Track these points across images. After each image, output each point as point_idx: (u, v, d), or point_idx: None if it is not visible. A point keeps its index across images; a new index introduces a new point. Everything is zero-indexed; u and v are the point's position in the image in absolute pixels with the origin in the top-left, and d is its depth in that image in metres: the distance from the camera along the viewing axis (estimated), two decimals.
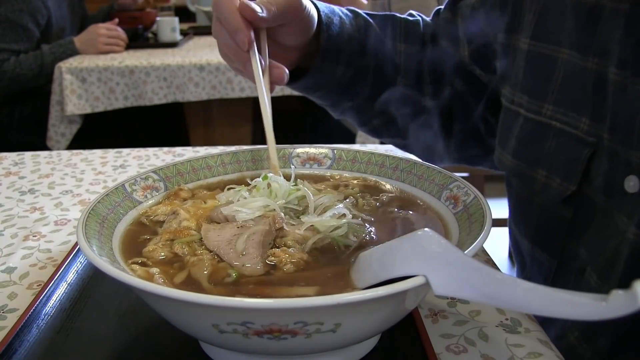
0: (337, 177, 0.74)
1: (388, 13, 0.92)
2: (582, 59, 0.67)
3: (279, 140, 0.71)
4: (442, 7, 0.95)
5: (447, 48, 0.90)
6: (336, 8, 0.86)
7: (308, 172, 0.76)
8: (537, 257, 0.75)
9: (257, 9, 0.69)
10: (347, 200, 0.65)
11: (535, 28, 0.73)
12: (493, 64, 0.83)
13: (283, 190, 0.63)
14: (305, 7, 0.76)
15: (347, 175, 0.74)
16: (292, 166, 0.75)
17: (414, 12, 0.96)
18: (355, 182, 0.72)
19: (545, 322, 0.65)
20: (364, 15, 0.89)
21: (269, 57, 0.74)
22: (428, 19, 0.96)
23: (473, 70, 0.87)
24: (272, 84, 0.74)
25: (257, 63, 0.71)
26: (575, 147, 0.67)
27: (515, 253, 0.84)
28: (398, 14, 0.93)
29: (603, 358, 0.65)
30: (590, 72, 0.66)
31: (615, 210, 0.63)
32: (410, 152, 1.01)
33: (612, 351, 0.64)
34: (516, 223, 0.80)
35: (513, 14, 0.78)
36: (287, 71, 0.74)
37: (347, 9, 0.88)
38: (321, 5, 0.83)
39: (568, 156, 0.68)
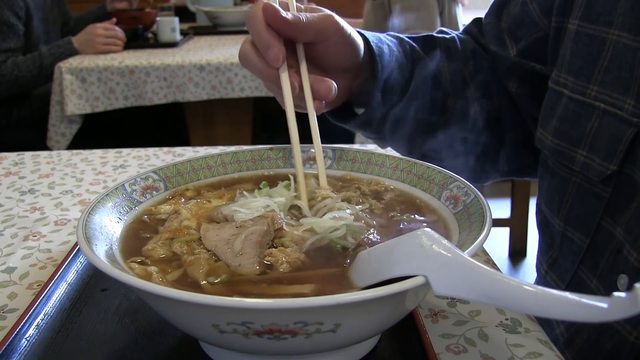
0: (349, 179, 0.74)
1: (427, 34, 0.91)
2: (634, 39, 0.67)
3: (279, 141, 0.70)
4: (484, 15, 0.94)
5: (495, 52, 0.89)
6: (381, 35, 0.83)
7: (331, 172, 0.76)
8: (569, 236, 0.76)
9: (281, 10, 0.64)
10: (352, 202, 0.65)
11: (585, 9, 0.74)
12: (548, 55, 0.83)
13: (285, 195, 0.63)
14: (343, 27, 0.71)
15: (360, 177, 0.74)
16: (290, 178, 0.70)
17: (445, 29, 0.95)
18: (367, 185, 0.72)
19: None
20: (407, 39, 0.87)
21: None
22: (459, 33, 0.96)
23: (530, 67, 0.86)
24: (318, 100, 0.69)
25: (287, 79, 0.67)
26: (619, 127, 0.67)
27: (542, 233, 0.84)
28: (435, 34, 0.92)
29: None
30: None
31: None
32: (458, 174, 1.00)
33: None
34: (548, 202, 0.80)
35: None
36: (334, 84, 0.68)
37: (390, 34, 0.87)
38: (368, 34, 0.79)
39: (610, 136, 0.68)
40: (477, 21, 0.97)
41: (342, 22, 0.71)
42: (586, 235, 0.73)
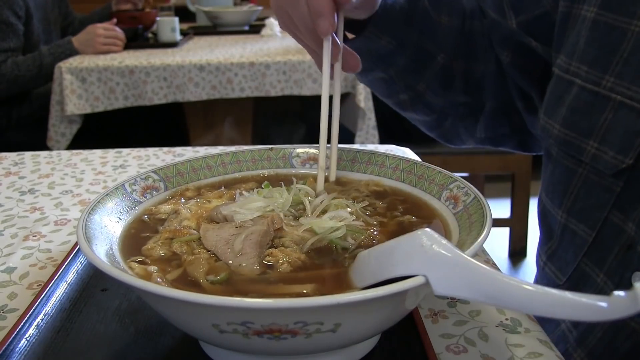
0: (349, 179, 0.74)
1: None
2: None
3: (278, 140, 0.70)
4: None
5: (495, 19, 0.87)
6: None
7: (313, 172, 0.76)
8: (571, 228, 0.73)
9: None
10: (354, 202, 0.65)
11: None
12: (551, 35, 0.80)
13: (284, 196, 0.63)
14: None
15: (358, 178, 0.74)
16: (295, 181, 0.69)
17: None
18: (365, 186, 0.72)
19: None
20: None
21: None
22: None
23: (528, 42, 0.84)
24: (345, 71, 0.72)
25: (329, 53, 0.66)
26: (636, 121, 0.65)
27: (542, 224, 0.82)
28: None
29: None
30: None
31: None
32: (431, 132, 0.99)
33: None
34: (550, 193, 0.78)
35: None
36: (359, 59, 0.72)
37: None
38: None
39: (626, 129, 0.66)
40: None
41: None
42: (592, 229, 0.70)
